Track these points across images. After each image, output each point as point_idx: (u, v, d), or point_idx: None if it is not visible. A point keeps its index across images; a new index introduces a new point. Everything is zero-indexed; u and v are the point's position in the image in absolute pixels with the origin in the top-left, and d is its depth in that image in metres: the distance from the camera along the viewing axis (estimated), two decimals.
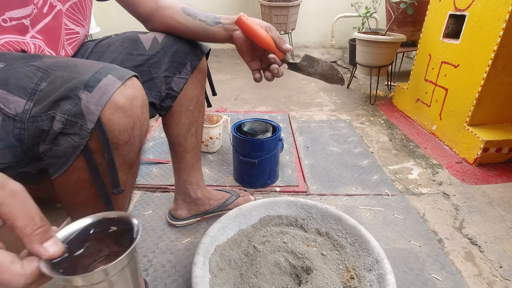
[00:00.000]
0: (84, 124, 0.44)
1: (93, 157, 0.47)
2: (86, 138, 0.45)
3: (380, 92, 2.23)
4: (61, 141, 0.45)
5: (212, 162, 1.34)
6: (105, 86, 0.45)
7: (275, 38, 0.68)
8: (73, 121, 0.44)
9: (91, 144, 0.46)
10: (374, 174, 1.28)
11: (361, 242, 0.80)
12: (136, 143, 0.51)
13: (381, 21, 2.90)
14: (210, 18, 0.72)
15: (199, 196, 0.96)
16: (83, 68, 0.46)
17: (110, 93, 0.45)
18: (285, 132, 1.61)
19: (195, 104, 0.84)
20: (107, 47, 0.71)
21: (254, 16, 2.61)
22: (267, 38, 0.67)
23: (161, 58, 0.72)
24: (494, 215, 1.07)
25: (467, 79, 1.38)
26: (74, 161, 0.46)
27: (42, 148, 0.45)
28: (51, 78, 0.45)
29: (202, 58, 0.80)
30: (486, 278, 0.84)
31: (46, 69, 0.45)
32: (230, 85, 2.38)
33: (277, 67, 0.69)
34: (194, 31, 0.72)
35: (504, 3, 1.19)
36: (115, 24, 3.09)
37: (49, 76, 0.45)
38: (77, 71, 0.45)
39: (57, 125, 0.43)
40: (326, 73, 0.73)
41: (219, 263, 0.77)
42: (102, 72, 0.46)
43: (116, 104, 0.45)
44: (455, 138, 1.45)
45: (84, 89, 0.44)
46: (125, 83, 0.47)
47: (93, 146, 0.46)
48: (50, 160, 0.46)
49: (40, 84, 0.44)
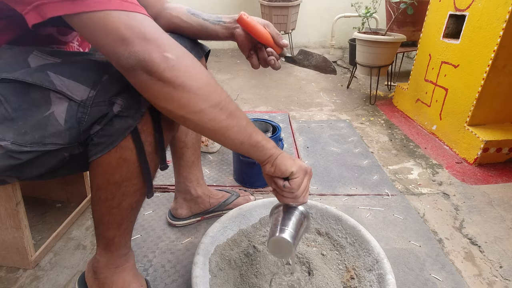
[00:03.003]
0: (138, 107, 0.52)
1: (140, 137, 0.54)
2: (137, 120, 0.53)
3: (380, 92, 2.23)
4: (115, 122, 0.52)
5: (212, 162, 1.34)
6: None
7: (273, 34, 0.73)
8: (130, 105, 0.52)
9: (140, 125, 0.54)
10: (374, 174, 1.28)
11: (361, 242, 0.80)
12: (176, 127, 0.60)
13: (381, 21, 2.90)
14: (213, 17, 0.76)
15: (199, 193, 0.96)
16: None
17: None
18: (285, 132, 1.61)
19: None
20: None
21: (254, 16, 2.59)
22: (265, 34, 0.72)
23: None
24: (494, 215, 1.07)
25: (467, 79, 1.38)
26: (121, 140, 0.53)
27: (95, 129, 0.52)
28: (111, 71, 0.52)
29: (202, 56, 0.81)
30: (486, 278, 0.84)
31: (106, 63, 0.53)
32: (230, 85, 2.38)
33: (273, 58, 0.75)
34: (198, 29, 0.75)
35: (504, 3, 1.19)
36: None
37: (108, 69, 0.52)
38: None
39: (116, 108, 0.51)
40: (319, 65, 0.80)
41: (219, 263, 0.77)
42: None
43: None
44: (455, 138, 1.45)
45: None
46: None
47: (141, 127, 0.54)
48: (100, 139, 0.53)
49: (102, 76, 0.52)
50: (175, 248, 0.91)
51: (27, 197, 1.01)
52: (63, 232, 0.96)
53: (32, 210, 1.01)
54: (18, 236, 0.78)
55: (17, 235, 0.78)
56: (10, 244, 0.80)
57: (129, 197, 0.60)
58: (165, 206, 1.07)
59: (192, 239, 0.94)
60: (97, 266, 0.68)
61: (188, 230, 0.97)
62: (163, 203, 1.09)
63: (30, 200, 1.04)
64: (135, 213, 0.65)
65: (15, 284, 0.79)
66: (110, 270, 0.67)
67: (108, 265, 0.67)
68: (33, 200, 1.05)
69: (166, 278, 0.82)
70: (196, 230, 0.97)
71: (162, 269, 0.84)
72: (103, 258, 0.67)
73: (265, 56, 0.75)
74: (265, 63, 0.76)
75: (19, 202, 0.76)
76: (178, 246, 0.92)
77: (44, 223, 0.97)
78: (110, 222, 0.62)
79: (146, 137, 0.55)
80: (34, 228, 0.95)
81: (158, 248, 0.91)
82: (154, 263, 0.86)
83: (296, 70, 2.76)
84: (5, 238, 0.79)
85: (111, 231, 0.64)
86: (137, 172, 0.57)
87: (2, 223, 0.77)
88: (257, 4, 2.97)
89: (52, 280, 0.81)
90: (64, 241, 0.93)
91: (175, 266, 0.85)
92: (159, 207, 1.07)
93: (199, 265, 0.71)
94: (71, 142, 0.53)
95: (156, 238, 0.94)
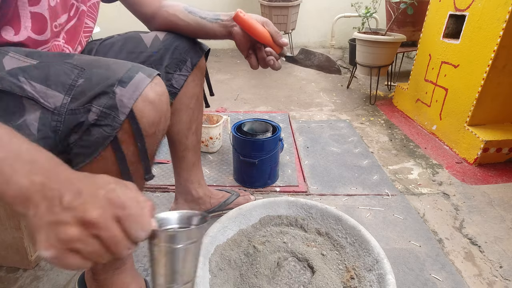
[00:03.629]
0: (116, 116, 0.48)
1: (121, 147, 0.50)
2: (116, 129, 0.48)
3: (380, 92, 2.23)
4: (93, 132, 0.48)
5: (212, 162, 1.34)
6: (138, 82, 0.49)
7: (272, 32, 0.70)
8: (107, 113, 0.47)
9: (120, 134, 0.49)
10: (374, 174, 1.28)
11: (361, 242, 0.80)
12: (159, 136, 0.55)
13: (381, 21, 2.90)
14: (210, 15, 0.74)
15: (200, 195, 0.96)
16: (116, 66, 0.50)
17: (141, 89, 0.49)
18: (285, 132, 1.61)
19: (195, 102, 0.84)
20: (110, 46, 0.73)
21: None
22: (264, 32, 0.69)
23: (163, 55, 0.74)
24: (494, 215, 1.07)
25: (467, 79, 1.38)
26: (101, 151, 0.49)
27: (73, 138, 0.49)
28: (87, 75, 0.49)
29: (202, 56, 0.81)
30: (486, 278, 0.84)
31: (81, 67, 0.50)
32: (230, 85, 2.38)
33: (273, 58, 0.72)
34: (195, 27, 0.75)
35: (504, 3, 1.19)
36: (115, 24, 3.09)
37: (85, 73, 0.49)
38: (111, 69, 0.49)
39: (92, 116, 0.47)
40: (323, 64, 0.76)
41: (219, 263, 0.77)
42: (133, 70, 0.50)
43: (147, 99, 0.49)
44: (455, 138, 1.45)
45: (119, 84, 0.48)
46: (153, 81, 0.51)
47: (121, 136, 0.50)
48: (79, 149, 0.49)
49: (77, 81, 0.48)
50: None
51: None
52: None
53: None
54: (18, 236, 0.78)
55: (16, 235, 0.78)
56: (10, 244, 0.80)
57: None
58: (165, 206, 1.07)
59: None
60: (95, 268, 0.67)
61: None
62: (163, 203, 1.09)
63: None
64: None
65: (15, 284, 0.79)
66: (109, 272, 0.67)
67: (106, 267, 0.66)
68: None
69: None
70: None
71: None
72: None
73: (264, 56, 0.73)
74: (265, 63, 0.74)
75: None
76: None
77: None
78: None
79: (128, 147, 0.51)
80: None
81: None
82: None
83: (296, 70, 2.76)
84: (4, 239, 0.79)
85: None
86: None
87: (1, 224, 0.77)
88: (257, 4, 2.97)
89: (52, 280, 0.81)
90: None
91: None
92: (159, 207, 1.07)
93: (199, 265, 0.71)
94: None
95: None
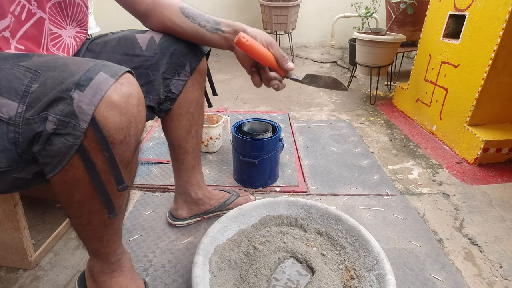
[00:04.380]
0: (77, 124, 0.43)
1: (89, 156, 0.46)
2: (80, 138, 0.44)
3: (380, 92, 2.23)
4: (55, 141, 0.44)
5: (212, 162, 1.34)
6: (98, 84, 0.44)
7: (277, 56, 0.67)
8: (65, 121, 0.43)
9: (86, 143, 0.45)
10: (374, 174, 1.28)
11: (361, 242, 0.80)
12: (132, 142, 0.50)
13: (381, 21, 2.90)
14: (210, 23, 0.69)
15: (199, 196, 0.96)
16: (74, 66, 0.45)
17: (103, 91, 0.44)
18: (285, 132, 1.61)
19: (195, 106, 0.82)
20: (103, 46, 0.69)
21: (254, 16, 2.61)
22: (268, 56, 0.66)
23: (159, 59, 0.70)
24: (494, 215, 1.07)
25: (467, 79, 1.38)
26: (69, 160, 0.46)
27: (36, 148, 0.45)
28: (42, 79, 0.44)
29: (201, 59, 0.78)
30: (486, 278, 0.84)
31: (36, 70, 0.45)
32: (230, 85, 2.37)
33: (277, 83, 0.69)
34: (193, 36, 0.70)
35: (504, 3, 1.19)
36: (114, 23, 3.09)
37: (40, 77, 0.44)
38: (67, 71, 0.44)
39: (49, 125, 0.43)
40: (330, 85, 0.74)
41: (219, 263, 0.77)
42: (93, 70, 0.45)
43: (111, 102, 0.44)
44: (455, 138, 1.45)
45: (76, 88, 0.43)
46: (118, 80, 0.46)
47: (88, 145, 0.45)
48: (45, 159, 0.45)
49: (31, 86, 0.43)
50: (175, 248, 0.91)
51: (27, 197, 1.02)
52: (63, 232, 0.96)
53: (32, 210, 1.01)
54: (17, 237, 0.78)
55: (16, 236, 0.78)
56: (10, 244, 0.80)
57: (97, 214, 0.54)
58: (165, 206, 1.07)
59: (192, 239, 0.94)
60: (93, 271, 0.67)
61: (188, 230, 0.97)
62: (163, 203, 1.09)
63: (29, 200, 1.04)
64: (113, 227, 0.60)
65: (15, 284, 0.79)
66: (107, 275, 0.66)
67: (103, 270, 0.66)
68: (32, 200, 1.05)
69: (166, 278, 0.82)
70: (196, 230, 0.97)
71: (162, 269, 0.84)
72: (97, 264, 0.66)
73: (268, 77, 0.69)
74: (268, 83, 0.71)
75: (17, 203, 0.76)
76: (178, 246, 0.91)
77: (44, 223, 0.97)
78: (88, 236, 0.59)
79: (97, 155, 0.47)
80: (34, 228, 0.94)
81: (158, 248, 0.90)
82: (154, 263, 0.86)
83: (296, 70, 2.76)
84: (4, 239, 0.79)
85: (93, 244, 0.62)
86: (95, 192, 0.50)
87: (0, 224, 0.77)
88: (257, 4, 2.97)
89: (52, 280, 0.81)
90: (64, 241, 0.93)
91: (175, 266, 0.85)
92: (159, 207, 1.07)
93: (199, 265, 0.71)
94: (13, 164, 0.46)
95: (156, 238, 0.94)
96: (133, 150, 0.51)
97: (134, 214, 1.04)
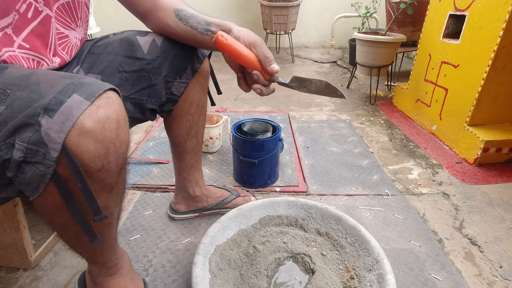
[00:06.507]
0: (47, 152, 0.40)
1: (65, 185, 0.43)
2: (51, 167, 0.41)
3: (380, 92, 2.23)
4: (26, 170, 0.41)
5: (212, 162, 1.34)
6: (69, 108, 0.40)
7: (260, 57, 0.60)
8: (34, 150, 0.39)
9: (61, 171, 0.42)
10: (374, 174, 1.28)
11: (361, 242, 0.80)
12: (112, 168, 0.46)
13: (381, 21, 2.90)
14: (202, 24, 0.66)
15: (197, 194, 0.97)
16: (46, 87, 0.41)
17: (74, 117, 0.40)
18: (285, 132, 1.61)
19: (195, 107, 0.83)
20: (104, 48, 0.68)
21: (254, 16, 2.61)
22: (250, 57, 0.60)
23: (161, 63, 0.69)
24: (494, 215, 1.07)
25: (467, 79, 1.38)
26: (45, 187, 0.43)
27: (9, 174, 0.42)
28: (10, 101, 0.40)
29: (203, 61, 0.77)
30: (486, 278, 0.84)
31: (4, 89, 0.41)
32: (230, 85, 2.37)
33: (259, 87, 0.63)
34: (188, 38, 0.69)
35: (504, 3, 1.19)
36: (114, 23, 3.09)
37: (8, 98, 0.40)
38: (38, 91, 0.41)
39: (17, 153, 0.39)
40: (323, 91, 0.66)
41: (219, 263, 0.77)
42: (66, 92, 0.41)
43: (83, 129, 0.40)
44: (455, 138, 1.45)
45: (45, 113, 0.39)
46: (94, 102, 0.42)
47: (63, 173, 0.42)
48: (20, 186, 0.43)
49: None
50: (175, 248, 0.91)
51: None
52: None
53: (32, 210, 1.01)
54: (17, 237, 0.78)
55: (16, 236, 0.78)
56: (10, 245, 0.80)
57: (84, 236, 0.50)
58: (165, 206, 1.07)
59: (192, 239, 0.94)
60: (92, 273, 0.67)
61: (188, 230, 0.97)
62: (163, 203, 1.09)
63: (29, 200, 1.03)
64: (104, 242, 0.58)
65: (15, 284, 0.79)
66: (105, 277, 0.66)
67: (101, 273, 0.66)
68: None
69: (166, 278, 0.82)
70: (196, 230, 0.97)
71: (162, 269, 0.84)
72: (94, 268, 0.66)
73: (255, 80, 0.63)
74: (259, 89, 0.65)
75: (17, 204, 0.76)
76: (178, 246, 0.91)
77: (44, 223, 0.97)
78: (81, 252, 0.60)
79: (75, 184, 0.43)
80: (34, 228, 0.94)
81: (158, 248, 0.90)
82: (154, 263, 0.86)
83: (296, 70, 2.76)
84: (4, 239, 0.79)
85: (87, 256, 0.62)
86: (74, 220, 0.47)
87: (0, 225, 0.77)
88: (257, 4, 2.97)
89: (52, 280, 0.81)
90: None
91: (175, 266, 0.85)
92: (159, 207, 1.07)
93: (199, 265, 0.71)
94: None
95: (156, 238, 0.94)
96: (115, 175, 0.48)
97: (134, 214, 1.04)
